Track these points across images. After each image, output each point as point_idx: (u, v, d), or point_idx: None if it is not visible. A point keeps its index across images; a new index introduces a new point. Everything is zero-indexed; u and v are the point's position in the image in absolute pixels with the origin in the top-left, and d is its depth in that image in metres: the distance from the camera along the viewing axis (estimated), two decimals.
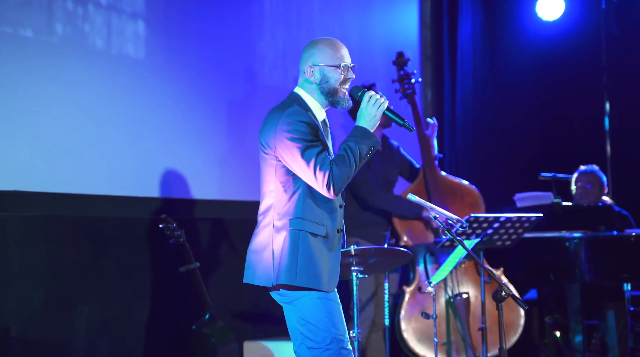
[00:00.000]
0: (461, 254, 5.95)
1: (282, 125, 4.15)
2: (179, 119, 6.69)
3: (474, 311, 7.06)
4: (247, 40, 7.27)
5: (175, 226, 5.95)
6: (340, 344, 4.22)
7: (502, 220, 6.29)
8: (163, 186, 6.52)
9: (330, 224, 4.25)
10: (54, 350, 5.71)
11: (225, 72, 7.04)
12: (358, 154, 4.16)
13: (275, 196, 4.23)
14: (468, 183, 7.34)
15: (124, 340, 6.12)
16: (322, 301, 4.21)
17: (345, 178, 4.12)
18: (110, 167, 6.20)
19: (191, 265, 5.98)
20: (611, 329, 7.42)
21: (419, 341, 6.95)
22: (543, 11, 9.42)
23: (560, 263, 7.14)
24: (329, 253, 4.24)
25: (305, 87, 4.32)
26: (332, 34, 7.85)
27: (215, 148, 6.94)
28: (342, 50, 4.32)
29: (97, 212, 6.08)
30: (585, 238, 7.08)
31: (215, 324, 5.95)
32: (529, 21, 9.61)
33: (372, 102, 4.23)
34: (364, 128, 4.23)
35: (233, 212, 7.02)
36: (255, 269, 4.27)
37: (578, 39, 9.53)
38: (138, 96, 6.40)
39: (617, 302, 7.46)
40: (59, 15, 5.99)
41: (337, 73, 4.26)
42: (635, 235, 7.03)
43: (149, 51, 6.50)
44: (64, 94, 5.96)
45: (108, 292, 6.04)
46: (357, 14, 8.26)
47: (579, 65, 9.52)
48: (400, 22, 8.86)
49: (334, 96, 4.28)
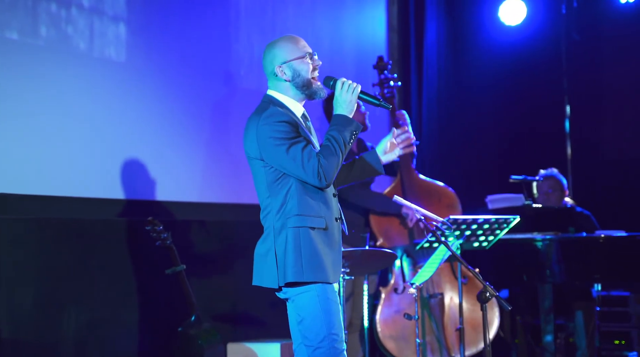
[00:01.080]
0: (444, 256, 6.03)
1: (262, 128, 4.20)
2: (160, 121, 6.72)
3: (448, 312, 7.18)
4: (224, 43, 7.32)
5: (162, 229, 5.99)
6: (333, 343, 4.24)
7: (480, 222, 6.39)
8: (148, 189, 6.55)
9: (328, 214, 4.31)
10: (43, 351, 5.71)
11: (203, 75, 7.08)
12: (342, 141, 4.23)
13: (271, 199, 4.27)
14: (444, 185, 7.46)
15: (110, 341, 6.13)
16: (320, 297, 4.24)
17: (334, 167, 4.20)
18: (96, 169, 6.21)
19: (177, 267, 6.01)
20: (580, 329, 7.57)
21: (396, 342, 7.03)
22: (505, 16, 9.59)
23: (532, 264, 7.27)
24: (330, 245, 4.30)
25: (277, 88, 4.37)
26: (305, 37, 7.91)
27: (195, 150, 6.98)
28: (301, 41, 4.41)
29: (85, 215, 6.09)
30: (556, 240, 7.22)
31: (201, 326, 5.98)
32: (491, 26, 9.77)
33: (346, 88, 4.28)
34: (342, 115, 4.29)
35: (215, 215, 7.07)
36: (262, 272, 4.32)
37: (539, 43, 9.71)
38: (121, 99, 6.42)
39: (586, 303, 7.62)
40: (44, 17, 5.99)
41: (306, 64, 4.34)
42: (604, 236, 7.20)
43: (130, 54, 6.52)
44: (50, 97, 5.97)
45: (95, 294, 6.06)
46: (329, 18, 8.35)
47: (541, 69, 9.71)
48: (369, 25, 8.96)
49: (310, 88, 4.33)
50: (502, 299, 4.66)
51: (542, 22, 9.69)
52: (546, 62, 9.73)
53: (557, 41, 9.70)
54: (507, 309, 4.66)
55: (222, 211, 7.16)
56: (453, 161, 9.56)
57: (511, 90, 9.76)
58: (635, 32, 9.41)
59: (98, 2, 6.34)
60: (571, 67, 9.70)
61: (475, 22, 9.90)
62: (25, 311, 5.68)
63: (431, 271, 6.09)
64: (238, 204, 7.24)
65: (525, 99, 9.74)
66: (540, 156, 9.43)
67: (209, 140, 7.07)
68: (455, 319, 7.12)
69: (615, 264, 7.19)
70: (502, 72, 9.76)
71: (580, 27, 9.62)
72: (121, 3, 6.49)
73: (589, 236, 7.31)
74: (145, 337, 6.35)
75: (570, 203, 8.01)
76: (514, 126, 9.77)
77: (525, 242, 7.32)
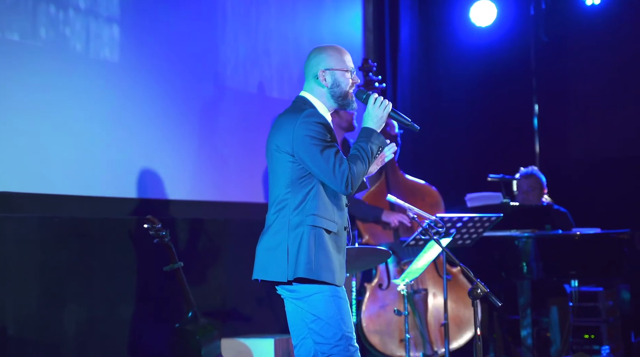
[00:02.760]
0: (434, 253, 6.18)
1: (300, 126, 4.30)
2: (155, 120, 6.81)
3: (431, 308, 7.35)
4: (212, 43, 7.42)
5: (161, 227, 6.08)
6: (349, 341, 4.37)
7: (465, 220, 6.54)
8: (146, 187, 6.64)
9: (340, 221, 4.43)
10: (45, 349, 5.78)
11: (192, 74, 7.17)
12: (370, 153, 4.37)
13: (290, 195, 4.35)
14: (427, 184, 7.62)
15: (110, 338, 6.21)
16: (334, 298, 4.35)
17: (361, 176, 4.33)
18: (95, 168, 6.29)
19: (175, 264, 6.10)
20: (554, 324, 7.72)
21: (380, 337, 7.17)
22: (476, 17, 9.78)
23: (511, 261, 7.44)
24: (339, 250, 4.41)
25: (313, 91, 4.49)
26: (286, 38, 8.11)
27: (187, 149, 7.08)
28: (348, 55, 4.53)
29: (85, 214, 6.18)
30: (534, 237, 7.40)
31: (198, 322, 6.07)
32: (463, 27, 9.96)
33: (378, 104, 4.44)
34: (372, 129, 4.43)
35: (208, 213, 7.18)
36: (268, 266, 4.38)
37: (509, 44, 9.94)
38: (118, 99, 6.50)
39: (560, 298, 7.82)
40: (43, 19, 6.05)
41: (347, 77, 4.46)
42: (580, 234, 7.41)
43: (123, 55, 6.60)
44: (50, 97, 6.03)
45: (95, 292, 6.13)
46: (308, 18, 8.47)
47: (511, 69, 9.94)
48: (347, 26, 9.10)
49: (345, 99, 4.47)
50: (493, 296, 4.77)
51: (511, 23, 9.91)
52: (516, 62, 9.96)
53: (526, 42, 9.94)
54: (498, 304, 4.78)
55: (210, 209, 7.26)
56: (427, 160, 9.73)
57: (482, 90, 9.97)
58: (600, 33, 9.67)
59: (93, 3, 6.41)
60: (540, 67, 9.94)
61: (446, 23, 10.09)
62: (29, 309, 5.75)
63: (422, 268, 6.25)
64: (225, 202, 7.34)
65: (496, 98, 9.96)
66: (510, 154, 9.67)
67: (199, 139, 7.17)
68: (439, 315, 7.29)
69: (590, 260, 7.39)
70: (474, 72, 9.96)
71: (548, 29, 9.85)
72: (115, 4, 6.57)
73: (565, 234, 7.50)
74: (144, 334, 6.44)
75: (548, 201, 8.19)
76: (486, 125, 9.97)
77: (504, 239, 7.48)
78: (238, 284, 7.23)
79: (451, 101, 9.89)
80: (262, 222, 7.52)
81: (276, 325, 7.52)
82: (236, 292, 7.22)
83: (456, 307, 7.31)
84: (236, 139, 7.55)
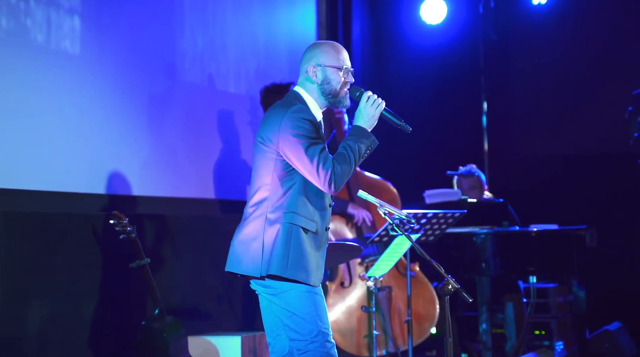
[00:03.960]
0: (404, 249, 6.18)
1: (287, 121, 4.26)
2: (116, 114, 6.67)
3: (395, 305, 7.34)
4: (170, 37, 7.31)
5: (127, 222, 5.96)
6: (326, 337, 4.34)
7: (430, 216, 6.57)
8: (109, 183, 6.51)
9: (320, 221, 4.38)
10: (7, 346, 5.62)
11: (151, 68, 7.05)
12: (358, 152, 4.33)
13: (271, 190, 4.30)
14: (384, 180, 7.62)
15: (74, 335, 6.07)
16: (310, 294, 4.31)
17: (345, 176, 4.28)
18: (57, 163, 6.14)
19: (142, 261, 5.99)
20: (510, 320, 7.82)
21: (343, 335, 7.15)
22: (427, 15, 9.81)
23: (470, 257, 7.50)
24: (317, 249, 4.36)
25: (305, 87, 4.43)
26: (242, 33, 8.04)
27: (142, 145, 6.94)
28: (344, 53, 4.47)
29: (49, 209, 6.03)
30: (492, 233, 7.48)
31: (164, 319, 5.97)
32: (413, 25, 9.99)
33: (371, 103, 4.42)
34: (362, 127, 4.39)
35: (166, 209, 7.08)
36: (242, 259, 4.33)
37: (459, 42, 10.01)
38: (79, 92, 6.35)
39: (514, 295, 7.89)
40: (4, 9, 5.89)
41: (339, 75, 4.40)
42: (537, 231, 7.48)
43: (84, 47, 6.46)
44: (10, 90, 5.86)
45: (59, 288, 5.99)
46: (264, 14, 8.41)
47: (460, 67, 10.01)
48: (301, 22, 9.05)
49: (335, 97, 4.42)
50: (464, 292, 4.76)
51: (461, 21, 9.98)
52: (466, 60, 10.05)
53: (476, 40, 10.01)
54: (469, 300, 4.79)
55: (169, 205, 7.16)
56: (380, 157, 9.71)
57: (433, 88, 10.03)
58: (546, 32, 9.79)
59: None
60: (488, 65, 10.02)
61: (397, 21, 10.13)
62: None
63: (390, 264, 6.24)
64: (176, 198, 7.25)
65: (447, 96, 10.02)
66: (460, 152, 9.72)
67: (151, 132, 7.03)
68: (401, 312, 7.30)
69: (548, 256, 7.48)
70: (425, 70, 10.02)
71: (497, 27, 9.94)
72: None
73: (522, 230, 7.58)
74: (109, 331, 6.32)
75: (489, 197, 8.24)
76: (437, 123, 10.01)
77: (463, 236, 7.54)
78: (198, 281, 7.15)
79: (402, 99, 9.89)
80: (215, 218, 7.53)
81: (234, 322, 7.46)
82: (195, 289, 7.13)
83: (418, 304, 7.31)
84: (190, 134, 7.43)
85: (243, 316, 7.51)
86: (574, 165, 9.58)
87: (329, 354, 4.35)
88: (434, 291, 7.46)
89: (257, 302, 4.32)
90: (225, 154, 7.69)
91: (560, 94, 9.78)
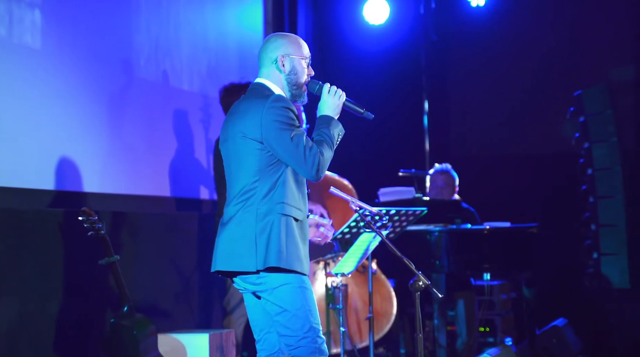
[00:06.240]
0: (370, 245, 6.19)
1: (269, 111, 4.22)
2: (77, 110, 6.58)
3: (351, 302, 7.37)
4: (126, 33, 7.22)
5: (97, 219, 5.87)
6: (317, 333, 4.33)
7: (391, 213, 6.60)
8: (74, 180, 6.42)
9: (304, 209, 4.39)
10: None
11: (108, 64, 6.95)
12: (334, 138, 4.36)
13: (259, 183, 4.26)
14: (340, 176, 7.65)
15: (42, 333, 5.96)
16: (302, 289, 4.29)
17: (328, 161, 4.31)
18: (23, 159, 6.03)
19: (111, 258, 5.91)
20: (461, 317, 7.91)
21: None
22: (369, 15, 9.88)
23: (424, 255, 7.56)
24: (303, 238, 4.36)
25: (271, 77, 4.41)
26: (194, 30, 8.01)
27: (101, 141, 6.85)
28: (306, 45, 4.49)
29: (15, 205, 5.92)
30: (445, 231, 7.56)
31: (133, 316, 5.90)
32: (356, 25, 10.05)
33: (333, 92, 4.44)
34: (330, 116, 4.41)
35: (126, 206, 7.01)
36: (233, 256, 4.27)
37: (401, 42, 10.11)
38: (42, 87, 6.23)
39: (466, 292, 7.99)
40: None
41: (303, 66, 4.42)
42: (489, 228, 7.59)
43: (44, 41, 6.35)
44: None
45: (27, 286, 5.88)
46: (214, 11, 8.37)
47: (402, 67, 10.10)
48: (249, 19, 9.03)
49: (299, 89, 4.42)
50: (433, 288, 4.78)
51: (403, 22, 10.09)
52: (408, 60, 10.14)
53: (417, 40, 10.11)
54: (439, 296, 4.86)
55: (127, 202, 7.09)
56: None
57: (375, 87, 10.07)
58: (484, 34, 9.96)
59: None
60: (429, 66, 10.14)
61: (340, 20, 10.17)
62: None
63: (356, 260, 6.26)
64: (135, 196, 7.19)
65: (388, 96, 10.08)
66: (403, 151, 9.82)
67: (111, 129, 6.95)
68: (358, 309, 7.33)
69: (500, 254, 7.59)
70: (368, 70, 10.08)
71: (438, 28, 10.07)
72: None
73: (475, 228, 7.68)
74: (78, 329, 6.23)
75: (457, 199, 8.35)
76: (379, 123, 10.05)
77: (417, 233, 7.60)
78: (157, 279, 7.10)
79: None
80: (172, 216, 7.47)
81: (192, 321, 7.42)
82: (155, 287, 7.07)
83: (375, 302, 7.35)
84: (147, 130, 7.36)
85: (200, 314, 7.46)
86: (516, 164, 9.74)
87: (320, 350, 4.33)
88: (391, 288, 7.51)
89: (214, 300, 4.29)
90: (180, 152, 7.64)
91: (500, 94, 9.96)
